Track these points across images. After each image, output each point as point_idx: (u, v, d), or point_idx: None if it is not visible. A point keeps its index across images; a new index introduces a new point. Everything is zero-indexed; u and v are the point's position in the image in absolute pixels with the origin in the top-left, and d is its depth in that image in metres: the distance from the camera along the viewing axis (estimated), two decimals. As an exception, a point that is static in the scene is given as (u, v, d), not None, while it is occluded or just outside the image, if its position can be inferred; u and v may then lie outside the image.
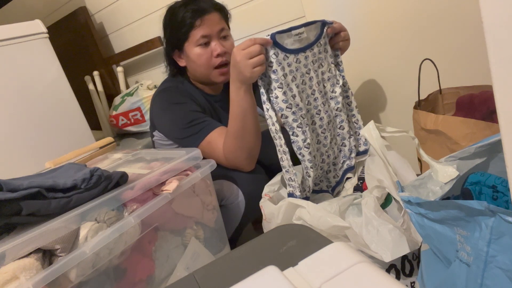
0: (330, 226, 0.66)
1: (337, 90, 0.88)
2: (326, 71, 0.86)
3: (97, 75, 1.89)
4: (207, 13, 0.98)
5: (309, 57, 0.81)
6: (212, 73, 1.02)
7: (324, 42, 0.84)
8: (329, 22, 0.83)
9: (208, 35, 0.99)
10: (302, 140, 0.80)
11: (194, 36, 0.99)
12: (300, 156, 0.82)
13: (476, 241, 0.43)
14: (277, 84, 0.77)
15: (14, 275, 0.50)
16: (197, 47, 1.00)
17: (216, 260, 0.48)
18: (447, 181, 0.59)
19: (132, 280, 0.66)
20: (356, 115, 0.93)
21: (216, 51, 0.99)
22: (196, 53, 1.00)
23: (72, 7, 1.91)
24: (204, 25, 0.98)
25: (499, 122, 0.35)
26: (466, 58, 1.02)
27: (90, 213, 0.60)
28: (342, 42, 0.87)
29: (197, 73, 1.05)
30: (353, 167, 0.94)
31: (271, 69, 0.77)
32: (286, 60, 0.77)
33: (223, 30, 1.01)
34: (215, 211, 0.88)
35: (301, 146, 0.81)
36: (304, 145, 0.81)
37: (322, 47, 0.84)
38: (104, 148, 1.09)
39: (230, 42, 1.04)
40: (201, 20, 0.97)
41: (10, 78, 1.23)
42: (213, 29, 0.99)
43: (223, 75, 1.03)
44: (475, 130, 0.77)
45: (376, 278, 0.34)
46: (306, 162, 0.82)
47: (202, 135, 0.94)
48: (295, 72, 0.79)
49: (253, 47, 0.74)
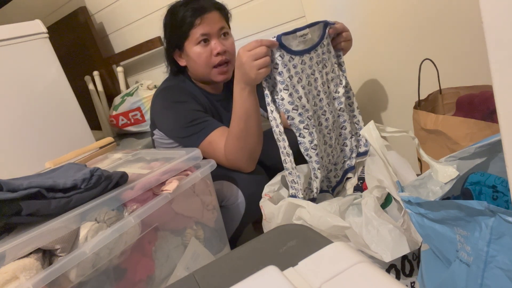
0: (330, 226, 0.66)
1: (340, 91, 0.88)
2: (330, 71, 0.86)
3: (97, 75, 1.89)
4: (207, 11, 0.98)
5: (314, 58, 0.81)
6: (212, 72, 1.02)
7: (327, 42, 0.84)
8: (331, 22, 0.83)
9: (208, 33, 0.99)
10: (309, 141, 0.81)
11: (194, 35, 0.99)
12: (307, 157, 0.82)
13: (476, 241, 0.43)
14: (282, 86, 0.77)
15: (14, 275, 0.50)
16: (197, 45, 1.00)
17: (216, 260, 0.48)
18: (447, 181, 0.59)
19: (132, 280, 0.66)
20: (357, 116, 0.93)
21: (216, 49, 0.99)
22: (196, 52, 1.00)
23: (72, 7, 1.91)
24: (203, 24, 0.98)
25: (499, 122, 0.35)
26: (466, 58, 1.02)
27: (90, 213, 0.60)
28: (344, 43, 0.87)
29: (197, 72, 1.05)
30: (353, 167, 0.94)
31: (277, 71, 0.76)
32: (291, 62, 0.77)
33: (223, 28, 1.01)
34: (215, 211, 0.88)
35: (308, 147, 0.81)
36: (311, 146, 0.81)
37: (325, 47, 0.84)
38: (104, 148, 1.09)
39: (230, 41, 1.04)
40: (201, 19, 0.98)
41: (10, 78, 1.23)
42: (213, 28, 0.99)
43: (223, 74, 1.03)
44: (475, 130, 0.77)
45: (376, 278, 0.34)
46: (313, 163, 0.82)
47: (203, 135, 0.94)
48: (301, 74, 0.79)
49: (259, 49, 0.74)
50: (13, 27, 1.24)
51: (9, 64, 1.22)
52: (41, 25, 1.31)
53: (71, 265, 0.54)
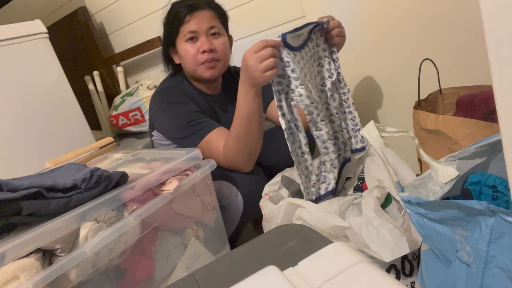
0: (330, 226, 0.66)
1: (328, 84, 0.88)
2: (316, 65, 0.87)
3: (97, 75, 1.89)
4: (199, 9, 0.99)
5: (307, 53, 0.82)
6: (199, 69, 1.02)
7: (315, 37, 0.85)
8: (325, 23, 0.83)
9: (196, 31, 0.99)
10: (326, 132, 0.81)
11: (183, 32, 1.00)
12: (324, 150, 0.83)
13: (476, 241, 0.43)
14: (298, 82, 0.76)
15: (14, 275, 0.50)
16: (185, 42, 1.00)
17: (216, 260, 0.48)
18: (447, 181, 0.59)
19: (132, 280, 0.66)
20: (353, 112, 0.93)
21: (202, 47, 0.99)
22: (184, 49, 1.01)
23: (72, 7, 1.91)
24: (192, 21, 0.99)
25: (499, 122, 0.35)
26: (466, 58, 1.02)
27: (90, 213, 0.60)
28: (337, 38, 0.86)
29: (187, 69, 1.06)
30: (349, 159, 0.95)
31: (289, 68, 0.75)
32: (296, 58, 0.77)
33: (213, 28, 1.01)
34: (215, 211, 0.88)
35: (326, 139, 0.82)
36: (328, 137, 0.82)
37: (314, 41, 0.85)
38: (104, 148, 1.09)
39: (220, 41, 1.02)
40: (191, 16, 0.98)
41: (10, 78, 1.23)
42: (201, 26, 0.99)
43: (210, 69, 1.01)
44: (475, 130, 0.77)
45: (376, 278, 0.34)
46: (330, 154, 0.84)
47: (201, 136, 0.94)
48: (305, 69, 0.80)
49: (265, 51, 0.73)
50: (13, 27, 1.24)
51: (9, 64, 1.22)
52: (41, 25, 1.31)
53: (71, 265, 0.54)
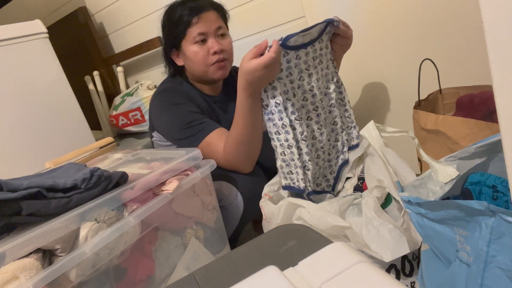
0: (330, 226, 0.66)
1: (331, 87, 0.89)
2: (325, 67, 0.87)
3: (97, 75, 1.89)
4: (204, 11, 0.99)
5: (310, 53, 0.81)
6: (209, 70, 1.02)
7: (326, 38, 0.84)
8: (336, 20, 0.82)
9: (205, 32, 0.99)
10: (299, 132, 0.81)
11: (191, 34, 0.99)
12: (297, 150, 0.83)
13: (476, 241, 0.43)
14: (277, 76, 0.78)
15: (14, 275, 0.50)
16: (194, 44, 1.00)
17: (216, 260, 0.48)
18: (447, 181, 0.59)
19: (132, 280, 0.66)
20: (348, 110, 0.94)
21: (213, 48, 0.99)
22: (193, 51, 1.00)
23: (72, 7, 1.91)
24: (200, 23, 0.98)
25: (499, 122, 0.35)
26: (466, 58, 1.02)
27: (90, 213, 0.60)
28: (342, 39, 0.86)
29: (194, 71, 1.05)
30: (347, 160, 0.95)
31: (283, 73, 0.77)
32: (285, 57, 0.77)
33: (221, 28, 1.02)
34: (215, 211, 0.88)
35: (299, 138, 0.82)
36: (302, 138, 0.82)
37: (324, 43, 0.84)
38: (104, 148, 1.09)
39: (228, 41, 1.04)
40: (198, 18, 0.98)
41: (10, 78, 1.23)
42: (210, 27, 0.99)
43: (221, 69, 1.03)
44: (475, 130, 0.77)
45: (376, 278, 0.34)
46: (303, 156, 0.83)
47: (201, 137, 0.94)
48: (293, 68, 0.79)
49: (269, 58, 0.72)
50: (13, 27, 1.24)
51: (9, 64, 1.22)
52: (41, 25, 1.31)
53: (71, 265, 0.54)
